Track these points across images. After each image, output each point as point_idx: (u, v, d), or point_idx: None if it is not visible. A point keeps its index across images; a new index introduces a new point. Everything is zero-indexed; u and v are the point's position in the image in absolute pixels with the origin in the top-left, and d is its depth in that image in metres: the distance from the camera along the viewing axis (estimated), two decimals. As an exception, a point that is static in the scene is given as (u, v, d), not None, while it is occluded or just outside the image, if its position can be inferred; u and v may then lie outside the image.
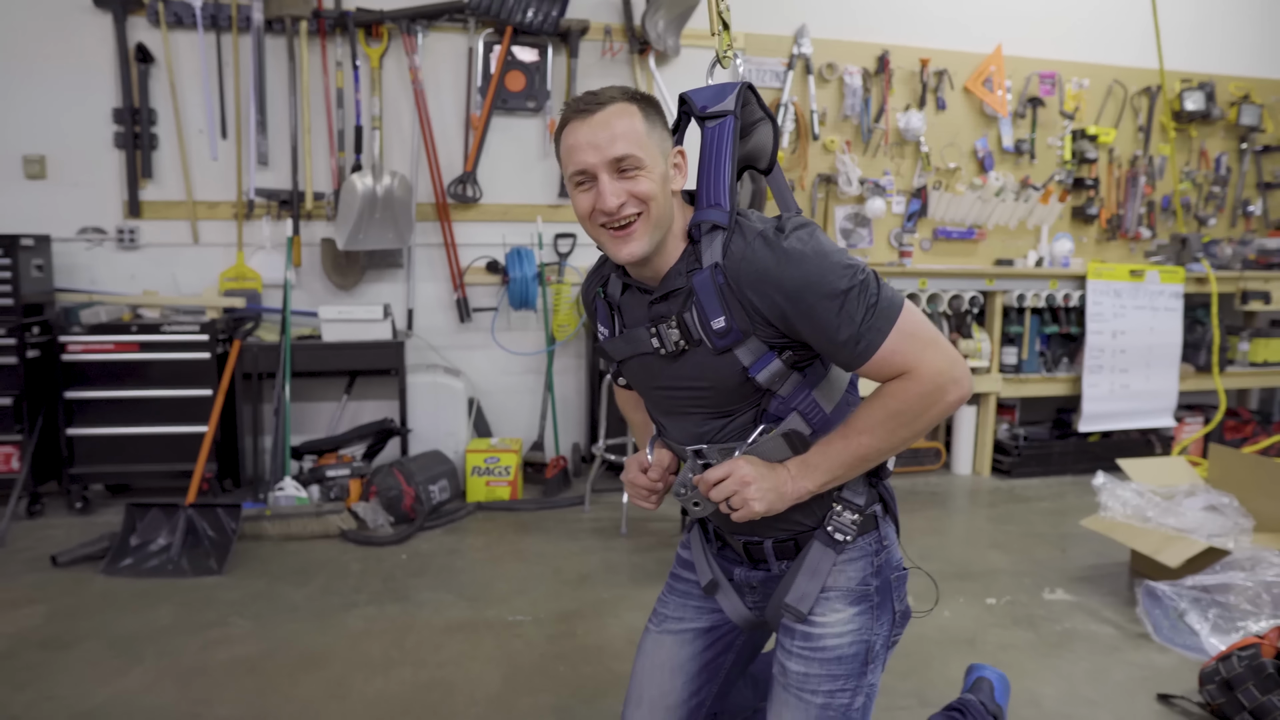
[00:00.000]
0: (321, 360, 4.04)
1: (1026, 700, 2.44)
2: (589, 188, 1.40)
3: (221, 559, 3.28)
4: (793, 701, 1.51)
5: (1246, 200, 5.52)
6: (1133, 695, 2.48)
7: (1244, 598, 2.77)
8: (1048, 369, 4.73)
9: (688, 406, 1.51)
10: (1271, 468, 3.30)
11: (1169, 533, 3.08)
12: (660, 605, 1.75)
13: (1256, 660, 2.27)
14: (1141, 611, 2.90)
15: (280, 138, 4.22)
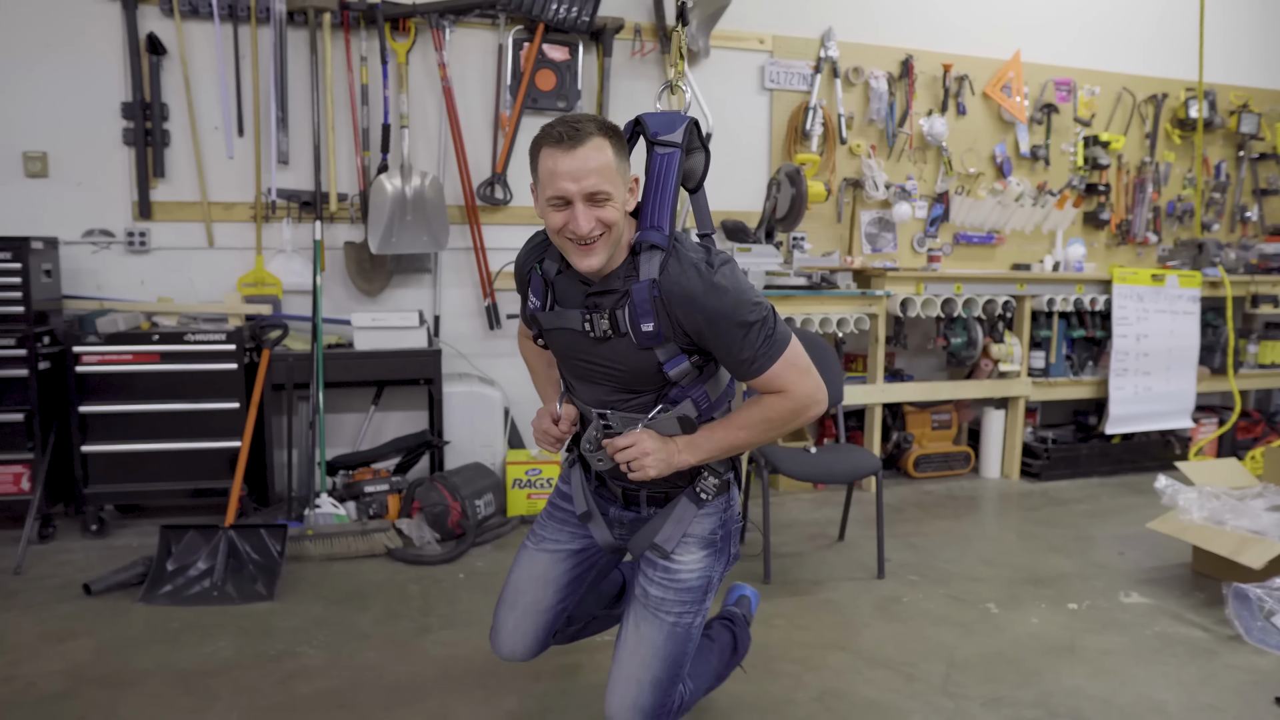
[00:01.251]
0: (353, 370, 3.84)
1: (1150, 707, 2.41)
2: (562, 209, 1.67)
3: (271, 584, 3.08)
4: (650, 618, 1.89)
5: (1244, 206, 5.68)
6: (1250, 698, 2.48)
7: (1330, 598, 2.80)
8: (1074, 372, 4.78)
9: (600, 379, 1.84)
10: (1328, 468, 3.36)
11: (1244, 534, 3.10)
12: (539, 528, 2.12)
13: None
14: (1231, 613, 2.90)
15: (301, 136, 4.02)
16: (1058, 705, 2.41)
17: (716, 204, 4.61)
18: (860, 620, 2.95)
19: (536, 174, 1.71)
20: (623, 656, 1.89)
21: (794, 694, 2.45)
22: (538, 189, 1.71)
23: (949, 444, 4.75)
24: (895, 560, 3.48)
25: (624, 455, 1.77)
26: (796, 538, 3.77)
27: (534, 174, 1.73)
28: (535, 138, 1.70)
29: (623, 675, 1.87)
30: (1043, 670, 2.62)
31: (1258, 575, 2.97)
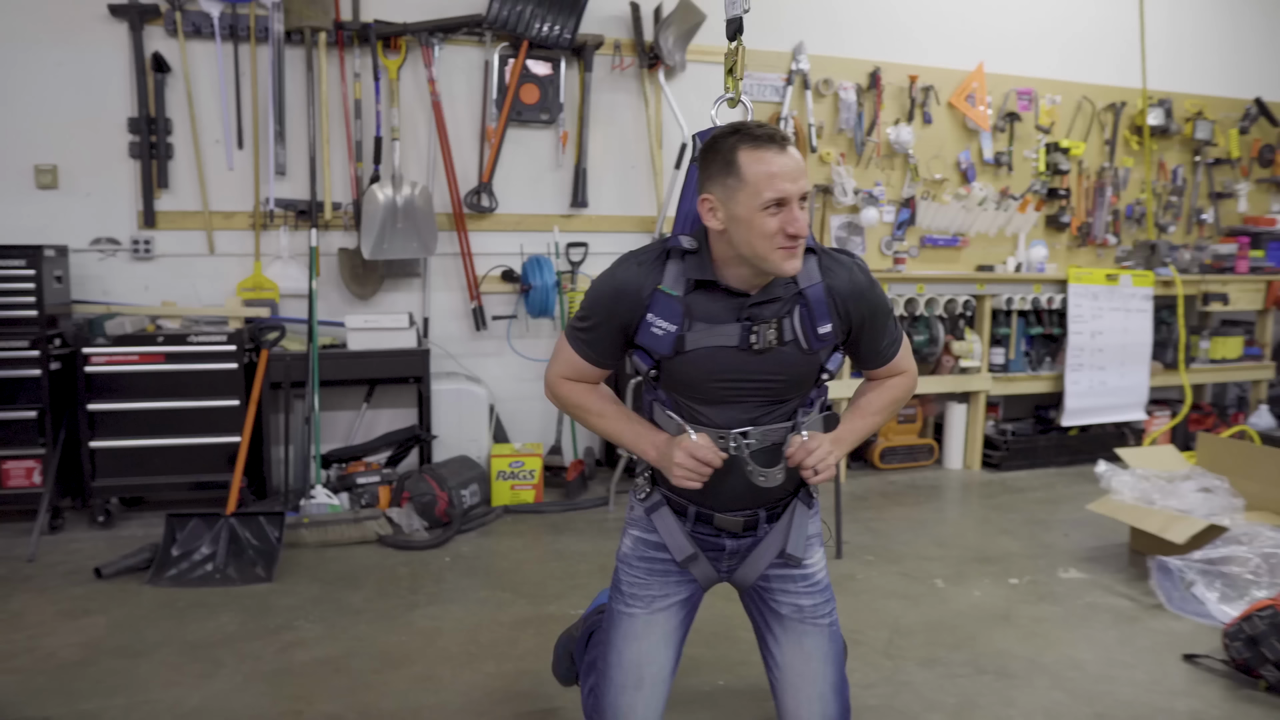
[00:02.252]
0: (346, 369, 4.09)
1: (1069, 664, 2.66)
2: (777, 212, 1.61)
3: (270, 567, 3.32)
4: (810, 630, 1.84)
5: (1200, 209, 5.93)
6: (1160, 657, 2.72)
7: (1245, 568, 3.04)
8: (1032, 368, 5.03)
9: (746, 395, 1.74)
10: (1255, 452, 3.61)
11: (1172, 513, 3.35)
12: (638, 589, 1.88)
13: (1277, 618, 2.52)
14: (1154, 584, 3.15)
15: (298, 148, 4.26)
16: (986, 664, 2.65)
17: (691, 210, 4.87)
18: (816, 595, 3.19)
19: (730, 179, 1.62)
20: (794, 680, 1.83)
21: (749, 656, 2.67)
22: (734, 200, 1.62)
23: (914, 437, 4.99)
24: (854, 543, 3.71)
25: (816, 459, 1.69)
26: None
27: (718, 180, 1.64)
28: (727, 141, 1.63)
29: (805, 696, 1.81)
30: (978, 635, 2.86)
31: (1183, 549, 3.21)
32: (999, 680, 2.56)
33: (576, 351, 1.82)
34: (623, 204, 4.81)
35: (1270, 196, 6.22)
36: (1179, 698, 2.48)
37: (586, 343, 1.80)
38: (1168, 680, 2.58)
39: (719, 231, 1.68)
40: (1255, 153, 6.10)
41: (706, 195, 1.67)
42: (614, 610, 1.90)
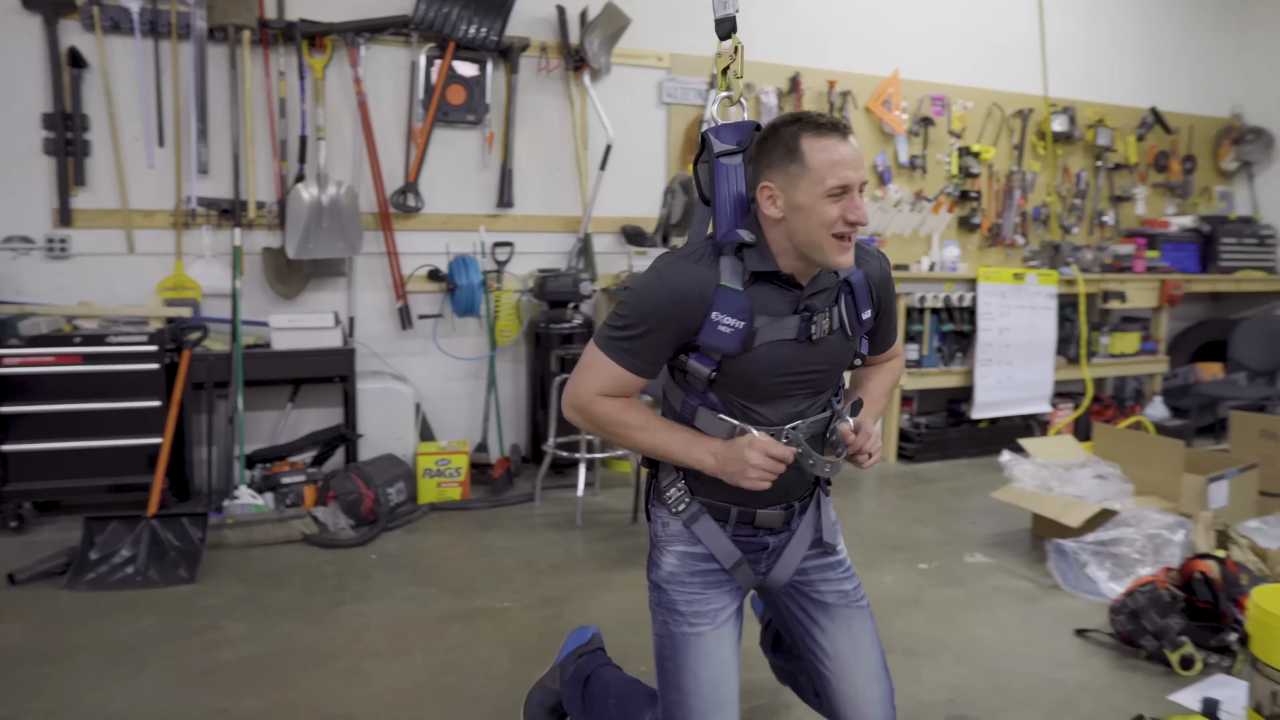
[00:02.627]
0: (271, 368, 4.07)
1: (972, 643, 2.82)
2: (839, 199, 1.60)
3: (193, 568, 3.30)
4: (858, 613, 1.86)
5: (1101, 211, 6.24)
6: (1055, 633, 2.90)
7: (1133, 549, 3.25)
8: (944, 363, 5.24)
9: (795, 389, 1.72)
10: (1145, 441, 3.85)
11: (1068, 499, 3.55)
12: (699, 605, 1.78)
13: (1155, 593, 2.73)
14: (1051, 566, 3.35)
15: (221, 146, 4.23)
16: (894, 644, 2.78)
17: (617, 211, 4.98)
18: (737, 584, 3.30)
19: (793, 166, 1.60)
20: (849, 665, 1.81)
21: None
22: (797, 188, 1.60)
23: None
24: (775, 533, 3.84)
25: (872, 443, 1.73)
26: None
27: (779, 168, 1.62)
28: (789, 129, 1.63)
29: (863, 678, 1.80)
30: (888, 618, 2.99)
31: (1078, 533, 3.42)
32: (906, 659, 2.70)
33: (618, 363, 1.67)
34: (548, 204, 4.87)
35: (1165, 200, 6.58)
36: (1069, 669, 2.66)
37: (632, 352, 1.67)
38: (1060, 654, 2.75)
39: (776, 221, 1.64)
40: (1151, 159, 6.44)
41: (767, 183, 1.64)
42: (676, 635, 1.76)
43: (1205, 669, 2.61)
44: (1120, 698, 2.49)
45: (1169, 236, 6.03)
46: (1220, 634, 2.65)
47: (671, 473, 1.82)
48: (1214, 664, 2.63)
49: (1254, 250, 6.19)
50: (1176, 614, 2.65)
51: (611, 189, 4.90)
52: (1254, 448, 4.02)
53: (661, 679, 1.79)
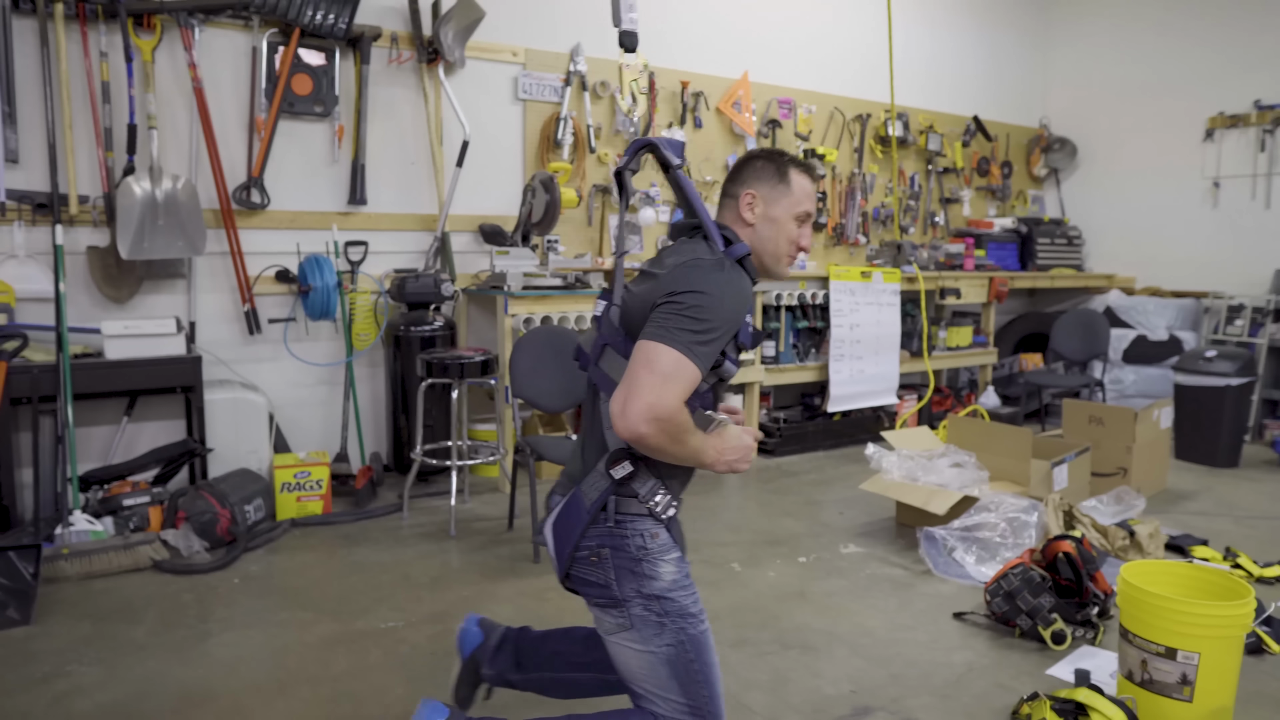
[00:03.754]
0: (105, 380, 3.69)
1: (861, 633, 2.91)
2: (802, 224, 1.94)
3: (26, 608, 2.93)
4: None
5: (933, 212, 6.63)
6: (935, 617, 3.05)
7: (995, 532, 3.46)
8: (800, 359, 5.42)
9: None
10: (994, 430, 4.11)
11: (932, 488, 3.74)
12: (699, 602, 1.82)
13: (1027, 574, 2.90)
14: (922, 553, 3.51)
15: (33, 133, 3.79)
16: (791, 639, 2.85)
17: (475, 209, 4.84)
18: (626, 587, 3.28)
19: (780, 185, 1.90)
20: None
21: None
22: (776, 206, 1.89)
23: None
24: (654, 533, 3.84)
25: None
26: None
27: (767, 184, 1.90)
28: (783, 159, 1.93)
29: None
30: (779, 613, 3.06)
31: (942, 519, 3.61)
32: (804, 654, 2.76)
33: (699, 367, 1.64)
34: (403, 202, 4.67)
35: (987, 202, 7.08)
36: (955, 651, 2.79)
37: (708, 356, 1.66)
38: (944, 638, 2.89)
39: (746, 225, 1.89)
40: (975, 164, 6.92)
41: (752, 191, 1.89)
42: (697, 636, 1.77)
43: (1073, 642, 2.81)
44: (1004, 675, 2.64)
45: (993, 236, 6.49)
46: (1084, 609, 2.87)
47: (650, 479, 1.77)
48: (1079, 637, 2.84)
49: (1065, 250, 6.77)
50: (1046, 593, 2.83)
51: (468, 186, 4.76)
52: (1084, 432, 4.39)
53: (690, 684, 1.77)
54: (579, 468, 1.85)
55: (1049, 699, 2.29)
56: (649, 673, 1.78)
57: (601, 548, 1.76)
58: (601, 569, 1.76)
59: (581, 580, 1.80)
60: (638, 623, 1.76)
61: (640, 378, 1.60)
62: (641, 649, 1.77)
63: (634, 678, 1.81)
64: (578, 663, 2.07)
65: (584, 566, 1.78)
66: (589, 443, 1.84)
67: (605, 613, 1.80)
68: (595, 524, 1.77)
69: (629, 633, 1.77)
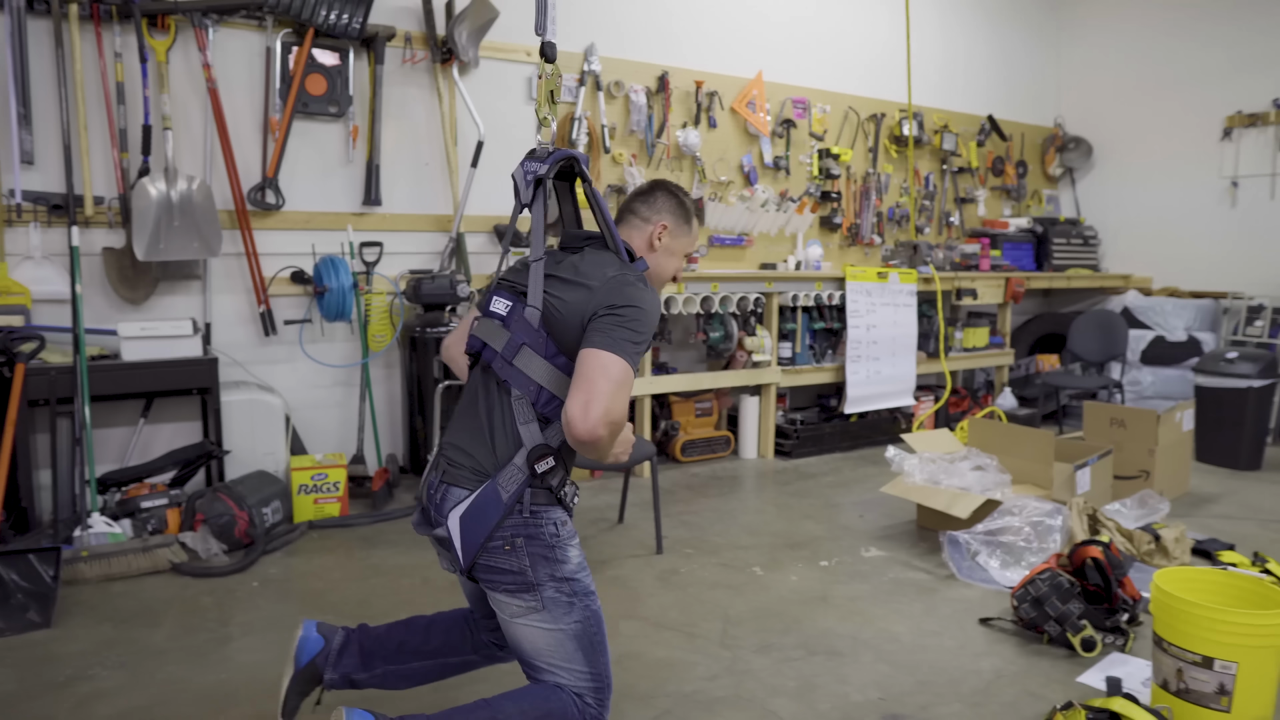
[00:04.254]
0: (122, 382, 3.67)
1: (887, 638, 2.88)
2: (685, 260, 2.23)
3: (46, 610, 2.92)
4: None
5: (949, 212, 6.59)
6: (961, 623, 3.01)
7: (1019, 537, 3.43)
8: (816, 360, 5.39)
9: None
10: (1016, 433, 4.07)
11: (954, 491, 3.71)
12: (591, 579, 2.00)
13: (1056, 579, 2.87)
14: (946, 557, 3.48)
15: (49, 134, 3.77)
16: (816, 645, 2.82)
17: (490, 209, 4.82)
18: (645, 591, 3.25)
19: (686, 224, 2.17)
20: None
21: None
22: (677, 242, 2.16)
23: (711, 429, 5.20)
24: (671, 537, 3.82)
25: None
26: (580, 523, 4.03)
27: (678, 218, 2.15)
28: (689, 204, 2.19)
29: None
30: (802, 618, 3.03)
31: (965, 523, 3.57)
32: (830, 659, 2.73)
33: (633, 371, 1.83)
34: (418, 202, 4.65)
35: (1002, 202, 7.04)
36: (982, 658, 2.76)
37: (639, 363, 1.92)
38: (971, 644, 2.86)
39: (651, 251, 2.13)
40: (989, 163, 6.88)
41: (664, 223, 2.12)
42: (597, 611, 1.95)
43: (1103, 650, 2.78)
44: (1034, 683, 2.60)
45: (1008, 236, 6.45)
46: (1114, 615, 2.83)
47: (560, 472, 1.90)
48: (1109, 644, 2.80)
49: (1080, 250, 6.72)
50: (1075, 599, 2.80)
51: (483, 187, 4.73)
52: (1105, 435, 4.35)
53: (593, 654, 1.93)
54: (488, 460, 1.89)
55: (1083, 708, 2.26)
56: (556, 648, 1.90)
57: (516, 537, 1.85)
58: (515, 557, 1.86)
59: (490, 569, 1.87)
60: (549, 604, 1.88)
61: (599, 385, 1.72)
62: (551, 627, 1.89)
63: (538, 654, 1.91)
64: (423, 651, 2.16)
65: (496, 555, 1.86)
66: (497, 436, 1.90)
67: (515, 597, 1.88)
68: (510, 515, 1.85)
69: (540, 614, 1.88)
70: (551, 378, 1.87)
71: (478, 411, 1.94)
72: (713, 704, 2.46)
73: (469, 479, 1.89)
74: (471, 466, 1.90)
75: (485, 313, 1.98)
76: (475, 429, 1.93)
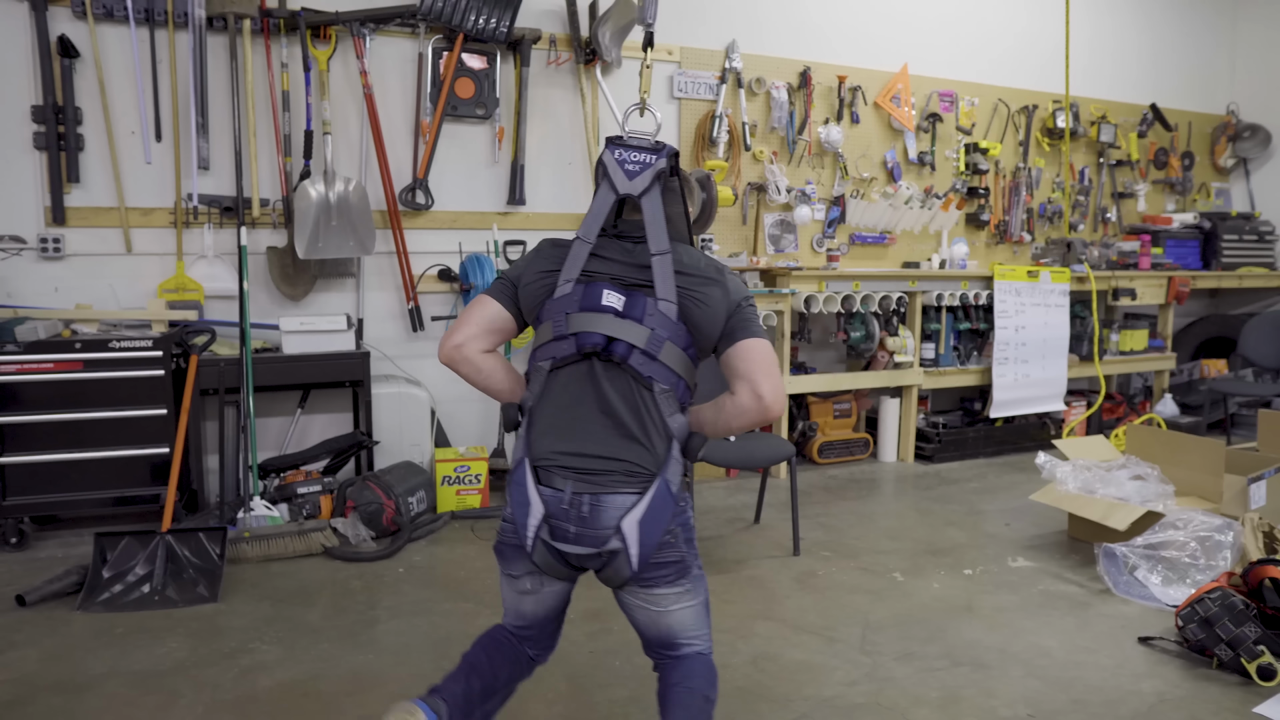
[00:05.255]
0: (282, 373, 3.89)
1: (1038, 652, 2.75)
2: None
3: (214, 586, 3.13)
4: None
5: (1105, 208, 6.24)
6: (1118, 640, 2.84)
7: (1184, 552, 3.20)
8: (961, 362, 5.19)
9: None
10: (1180, 441, 3.81)
11: (1110, 501, 3.50)
12: None
13: (1228, 599, 2.67)
14: (1101, 570, 3.29)
15: (222, 141, 4.03)
16: (961, 655, 2.72)
17: (631, 208, 4.83)
18: (782, 592, 3.21)
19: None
20: None
21: (730, 659, 2.67)
22: None
23: (849, 431, 5.09)
24: (808, 539, 3.76)
25: None
26: (716, 522, 4.02)
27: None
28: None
29: None
30: (946, 627, 2.92)
31: (1123, 536, 3.37)
32: (976, 671, 2.62)
33: None
34: (560, 201, 4.73)
35: (1165, 196, 6.61)
36: (1143, 679, 2.59)
37: None
38: (1129, 663, 2.69)
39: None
40: (1151, 155, 6.46)
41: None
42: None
43: (1282, 677, 2.57)
44: (1202, 710, 2.43)
45: (1171, 233, 6.04)
46: (1296, 641, 2.61)
47: None
48: (1290, 671, 2.59)
49: (1254, 246, 6.24)
50: (1252, 621, 2.59)
51: (623, 185, 4.76)
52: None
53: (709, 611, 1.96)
54: (646, 458, 1.79)
55: (1262, 739, 2.09)
56: (700, 620, 1.92)
57: (674, 528, 1.82)
58: (677, 547, 1.83)
59: (656, 565, 1.81)
60: (696, 581, 1.89)
61: (771, 368, 1.84)
62: (696, 602, 1.90)
63: (685, 631, 1.90)
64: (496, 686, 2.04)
65: (664, 550, 1.81)
66: (651, 432, 1.80)
67: (674, 586, 1.85)
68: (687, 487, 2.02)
69: (691, 593, 1.88)
70: (687, 369, 1.86)
71: (610, 410, 1.81)
72: (852, 710, 2.40)
73: (628, 482, 1.78)
74: (625, 470, 1.78)
75: (594, 307, 1.83)
76: (614, 429, 1.80)
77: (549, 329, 1.87)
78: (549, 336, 1.87)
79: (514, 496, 1.84)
